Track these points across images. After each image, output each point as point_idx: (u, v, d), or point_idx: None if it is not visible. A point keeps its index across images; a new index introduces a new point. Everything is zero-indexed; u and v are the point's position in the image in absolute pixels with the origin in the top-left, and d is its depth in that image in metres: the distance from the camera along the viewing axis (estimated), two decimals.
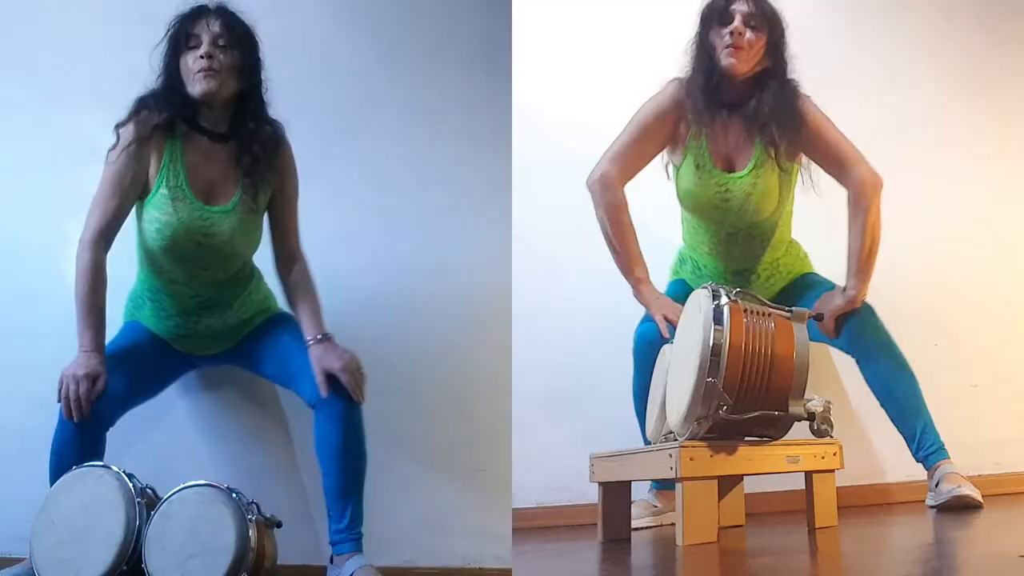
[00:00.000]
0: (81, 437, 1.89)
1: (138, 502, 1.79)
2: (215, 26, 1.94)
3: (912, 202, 2.65)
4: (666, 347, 2.13)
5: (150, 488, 1.87)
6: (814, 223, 2.38)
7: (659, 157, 2.30)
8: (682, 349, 1.88)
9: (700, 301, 1.79)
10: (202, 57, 1.91)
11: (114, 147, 1.95)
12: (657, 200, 2.36)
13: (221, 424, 2.32)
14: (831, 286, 2.24)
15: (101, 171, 2.39)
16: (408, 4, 2.49)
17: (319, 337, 1.99)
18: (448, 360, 2.35)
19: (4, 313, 2.34)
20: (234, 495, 1.80)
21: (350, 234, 2.38)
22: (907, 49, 2.81)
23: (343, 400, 1.91)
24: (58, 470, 1.89)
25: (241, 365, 2.16)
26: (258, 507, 1.84)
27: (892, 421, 2.15)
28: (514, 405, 2.32)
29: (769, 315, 1.80)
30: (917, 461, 2.15)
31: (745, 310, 1.77)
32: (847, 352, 2.20)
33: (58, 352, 2.28)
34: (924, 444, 2.12)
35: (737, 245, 2.28)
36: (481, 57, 2.43)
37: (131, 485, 1.81)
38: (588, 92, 2.70)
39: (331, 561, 1.94)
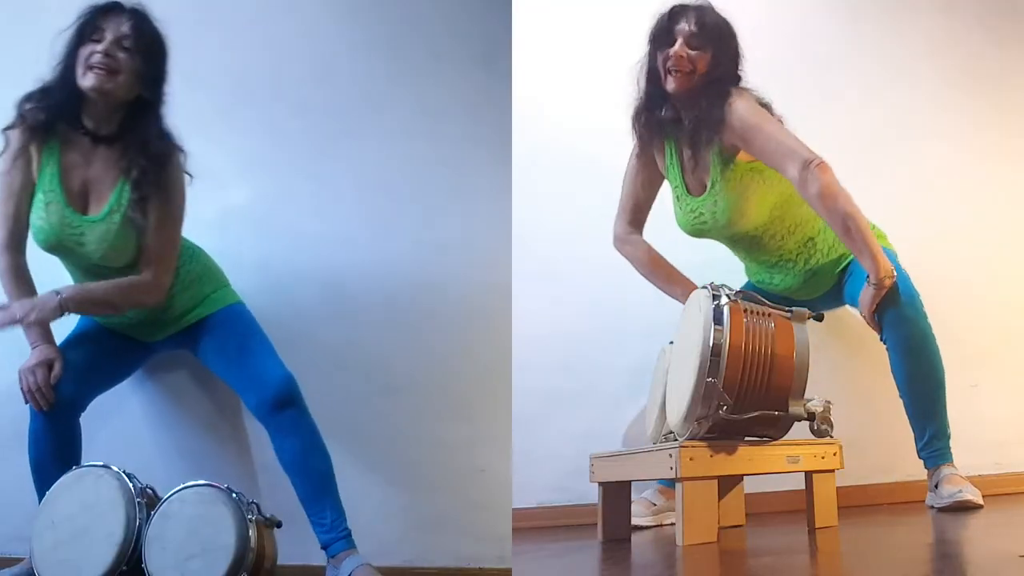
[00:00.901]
0: (54, 425, 1.92)
1: (138, 502, 1.79)
2: (124, 26, 1.89)
3: (912, 202, 2.65)
4: (666, 347, 2.13)
5: (150, 488, 1.87)
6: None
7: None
8: (682, 349, 1.88)
9: (700, 301, 1.79)
10: (100, 52, 1.87)
11: (2, 152, 1.93)
12: None
13: (221, 424, 2.32)
14: (890, 257, 2.15)
15: None
16: (408, 5, 2.49)
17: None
18: (448, 360, 2.35)
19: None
20: (234, 495, 1.80)
21: (350, 234, 2.38)
22: (907, 49, 2.81)
23: (288, 410, 1.94)
24: (37, 461, 1.93)
25: (198, 356, 2.11)
26: (258, 507, 1.84)
27: (907, 414, 2.14)
28: (514, 405, 2.32)
29: (769, 315, 1.80)
30: (920, 458, 2.14)
31: (745, 310, 1.77)
32: (881, 340, 2.17)
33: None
34: (931, 445, 2.12)
35: (745, 248, 2.27)
36: (482, 57, 2.43)
37: (131, 485, 1.81)
38: (589, 92, 2.69)
39: (330, 562, 1.94)
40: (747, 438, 1.81)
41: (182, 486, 1.81)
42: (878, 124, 2.69)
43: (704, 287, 1.82)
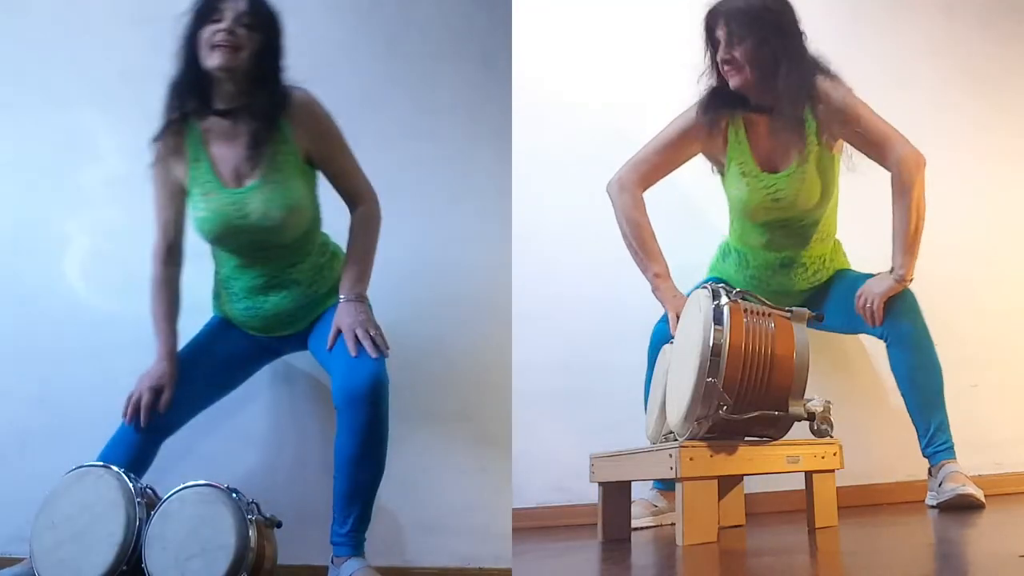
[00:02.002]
0: (138, 444, 1.96)
1: (138, 502, 1.79)
2: (242, 4, 1.93)
3: None
4: (666, 347, 2.13)
5: (150, 488, 1.87)
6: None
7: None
8: (682, 349, 1.88)
9: (700, 301, 1.79)
10: (224, 31, 1.90)
11: (153, 163, 1.99)
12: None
13: (221, 424, 2.32)
14: (865, 278, 2.22)
15: (102, 171, 2.42)
16: (409, 4, 2.49)
17: (345, 298, 1.98)
18: (448, 360, 2.35)
19: (3, 313, 2.34)
20: (234, 495, 1.80)
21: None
22: (907, 49, 2.81)
23: (363, 412, 1.87)
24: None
25: (311, 350, 2.11)
26: (258, 507, 1.84)
27: (909, 411, 2.14)
28: (514, 405, 2.32)
29: (769, 315, 1.80)
30: (924, 456, 2.15)
31: (745, 310, 1.77)
32: (879, 336, 2.18)
33: (57, 352, 2.29)
34: (935, 441, 2.12)
35: (788, 236, 2.27)
36: (481, 57, 2.43)
37: (131, 485, 1.81)
38: (589, 92, 2.70)
39: (332, 562, 1.94)
40: (747, 438, 1.81)
41: (182, 486, 1.80)
42: None
43: (704, 287, 1.82)
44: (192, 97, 1.96)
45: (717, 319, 1.73)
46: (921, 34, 2.83)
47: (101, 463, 1.85)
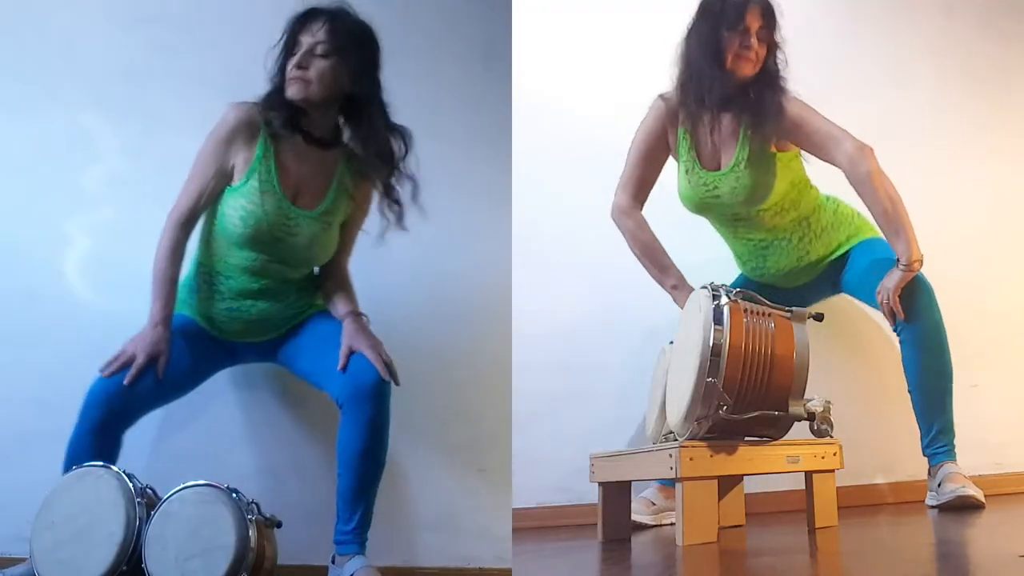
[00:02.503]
0: (98, 436, 1.91)
1: (138, 502, 1.79)
2: (319, 33, 1.94)
3: (912, 201, 2.64)
4: (666, 347, 2.13)
5: (150, 488, 1.87)
6: None
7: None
8: (682, 349, 1.88)
9: (700, 301, 1.79)
10: (294, 65, 1.94)
11: (224, 133, 1.97)
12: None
13: (222, 424, 2.32)
14: (883, 257, 2.19)
15: (102, 171, 2.41)
16: (408, 4, 2.49)
17: (354, 312, 2.03)
18: (448, 360, 2.35)
19: (3, 313, 2.34)
20: (234, 495, 1.80)
21: None
22: (907, 49, 2.81)
23: (370, 407, 1.90)
24: (71, 462, 1.91)
25: (280, 360, 2.13)
26: (258, 507, 1.84)
27: (914, 409, 2.14)
28: (514, 405, 2.32)
29: (769, 315, 1.80)
30: (924, 455, 2.15)
31: (745, 310, 1.77)
32: (895, 331, 2.17)
33: (58, 352, 2.29)
34: (936, 442, 2.12)
35: (746, 227, 2.28)
36: (482, 57, 2.43)
37: (131, 485, 1.81)
38: (589, 92, 2.70)
39: (332, 561, 1.94)
40: (747, 438, 1.81)
41: (182, 486, 1.80)
42: (878, 124, 2.68)
43: (704, 287, 1.82)
44: (283, 112, 1.97)
45: (717, 319, 1.73)
46: (921, 34, 2.83)
47: (101, 463, 1.85)
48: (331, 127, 2.05)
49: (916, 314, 2.09)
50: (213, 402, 2.32)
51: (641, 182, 2.32)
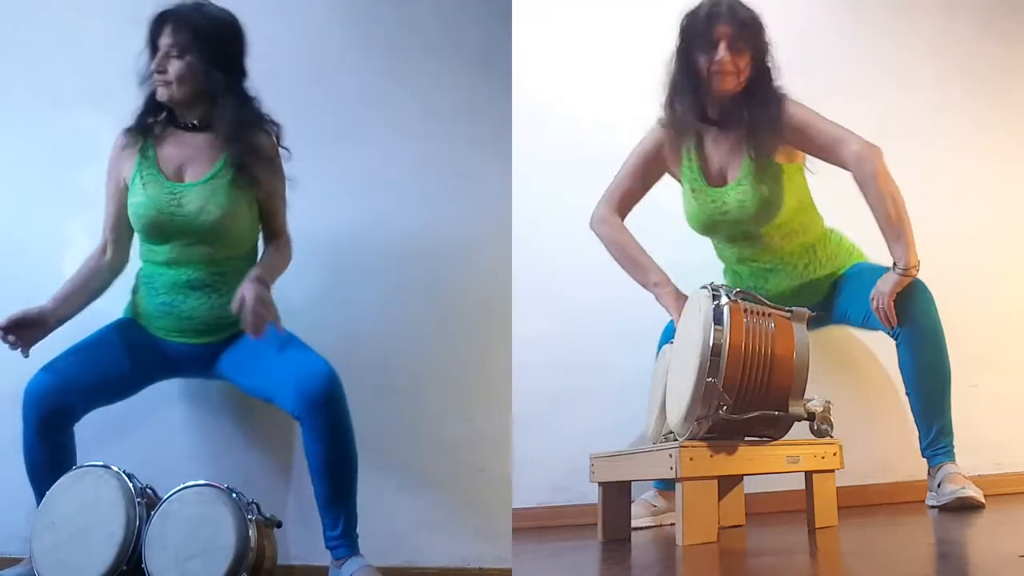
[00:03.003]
0: (47, 434, 1.93)
1: (138, 502, 1.79)
2: (170, 36, 2.01)
3: (911, 201, 2.64)
4: (666, 347, 2.13)
5: (150, 488, 1.87)
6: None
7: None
8: (682, 349, 1.88)
9: (700, 301, 1.79)
10: (154, 69, 2.02)
11: (110, 156, 2.09)
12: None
13: (221, 424, 2.32)
14: (880, 271, 2.19)
15: (102, 171, 2.41)
16: (408, 5, 2.49)
17: (254, 276, 1.94)
18: (448, 360, 2.35)
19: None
20: (234, 495, 1.80)
21: (350, 234, 2.38)
22: (907, 49, 2.81)
23: (327, 414, 1.89)
24: (31, 467, 1.93)
25: (223, 375, 2.11)
26: (258, 507, 1.84)
27: (912, 411, 2.14)
28: (514, 405, 2.32)
29: (769, 315, 1.80)
30: (923, 456, 2.14)
31: (745, 310, 1.77)
32: (890, 335, 2.16)
33: (57, 352, 2.28)
34: (936, 443, 2.12)
35: (752, 249, 2.27)
36: (482, 58, 2.43)
37: (131, 485, 1.81)
38: (589, 93, 2.70)
39: (332, 563, 1.94)
40: (747, 438, 1.81)
41: (182, 486, 1.80)
42: (878, 124, 2.67)
43: (704, 287, 1.82)
44: (157, 113, 2.08)
45: (717, 319, 1.73)
46: (921, 34, 2.82)
47: (101, 463, 1.85)
48: (201, 114, 2.07)
49: (913, 316, 2.09)
50: (212, 402, 2.33)
51: (627, 195, 2.34)
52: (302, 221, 2.34)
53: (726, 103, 2.18)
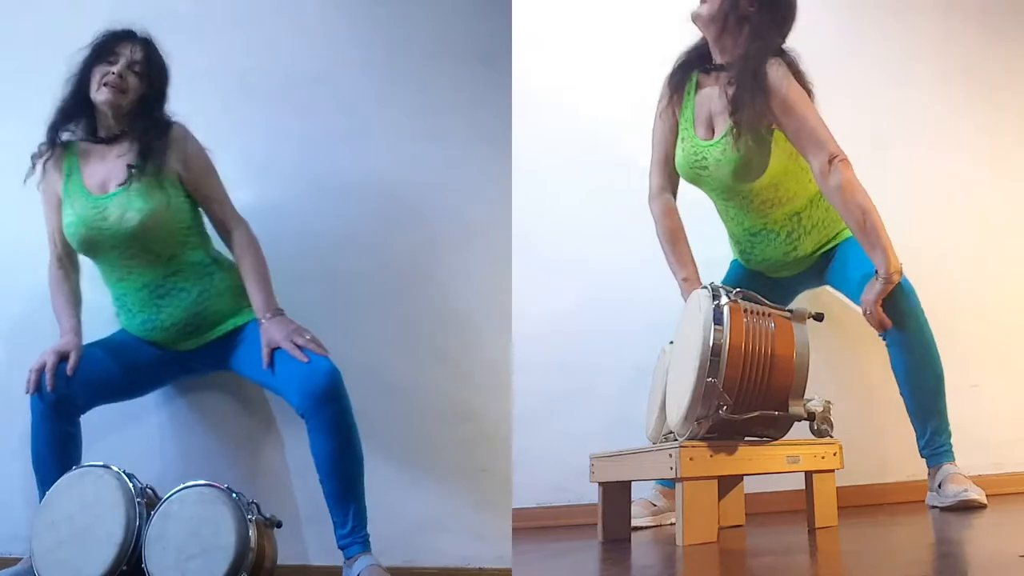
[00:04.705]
0: (51, 421, 1.97)
1: (138, 502, 1.79)
2: (137, 53, 2.11)
3: (912, 202, 2.65)
4: (666, 347, 2.13)
5: (150, 488, 1.87)
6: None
7: None
8: (682, 349, 1.88)
9: (700, 301, 1.79)
10: (115, 74, 2.07)
11: (35, 178, 2.14)
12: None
13: (222, 424, 2.32)
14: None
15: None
16: (408, 4, 2.49)
17: (269, 315, 2.03)
18: (448, 360, 2.35)
19: (4, 313, 2.34)
20: (234, 495, 1.80)
21: (350, 234, 2.38)
22: (907, 49, 2.81)
23: (331, 410, 1.92)
24: (36, 456, 1.96)
25: (233, 369, 2.14)
26: (258, 507, 1.84)
27: (908, 412, 2.14)
28: (514, 405, 2.32)
29: (769, 315, 1.80)
30: (922, 456, 2.14)
31: (745, 310, 1.77)
32: (881, 337, 2.17)
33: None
34: (933, 442, 2.12)
35: (742, 207, 2.26)
36: (482, 56, 2.43)
37: (131, 485, 1.81)
38: (590, 91, 2.70)
39: (344, 563, 1.95)
40: (747, 438, 1.81)
41: (182, 486, 1.81)
42: (878, 125, 2.69)
43: (704, 287, 1.82)
44: (76, 122, 2.12)
45: (717, 319, 1.73)
46: (921, 34, 2.82)
47: (101, 463, 1.85)
48: (122, 126, 2.13)
49: (900, 318, 2.09)
50: (213, 402, 2.33)
51: (662, 162, 2.33)
52: (301, 221, 2.35)
53: (716, 46, 2.19)
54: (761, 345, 1.75)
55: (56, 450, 1.96)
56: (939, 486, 2.08)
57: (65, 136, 2.13)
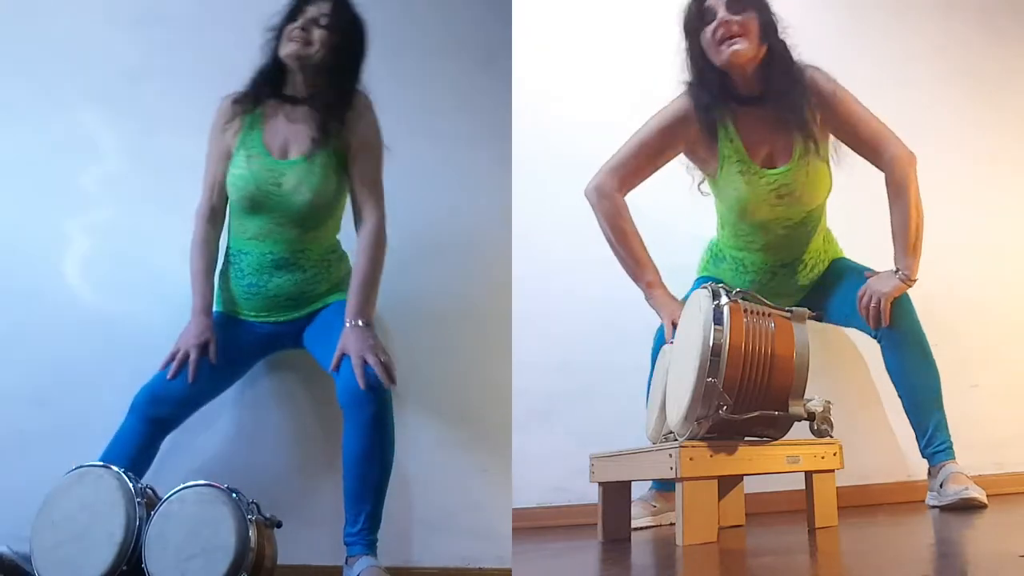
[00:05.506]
0: (142, 436, 2.02)
1: (138, 502, 1.79)
2: (324, 8, 2.10)
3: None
4: (666, 347, 2.13)
5: (150, 488, 1.87)
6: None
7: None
8: (682, 349, 1.88)
9: (700, 301, 1.79)
10: (299, 28, 2.07)
11: (213, 125, 2.15)
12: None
13: (222, 424, 2.32)
14: (862, 270, 2.21)
15: (102, 171, 2.42)
16: (408, 5, 2.49)
17: (355, 322, 2.02)
18: (449, 360, 2.35)
19: (3, 313, 2.34)
20: (234, 495, 1.80)
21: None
22: (907, 49, 2.81)
23: (368, 412, 1.92)
24: (112, 454, 1.99)
25: (304, 345, 2.17)
26: (258, 507, 1.84)
27: (906, 412, 2.14)
28: (514, 405, 2.32)
29: (769, 315, 1.80)
30: (923, 456, 2.14)
31: (745, 310, 1.77)
32: (873, 336, 2.17)
33: (57, 352, 2.29)
34: (934, 441, 2.12)
35: (789, 236, 2.23)
36: (482, 57, 2.43)
37: (131, 485, 1.81)
38: (589, 92, 2.70)
39: (346, 562, 1.95)
40: (747, 438, 1.81)
41: (182, 486, 1.80)
42: None
43: (704, 287, 1.82)
44: (268, 83, 2.12)
45: (717, 319, 1.73)
46: (921, 34, 2.83)
47: (101, 463, 1.85)
48: (310, 88, 2.12)
49: (895, 318, 2.10)
50: (213, 402, 2.32)
51: (635, 170, 2.24)
52: None
53: (749, 80, 2.13)
54: (761, 345, 1.75)
55: (133, 459, 1.98)
56: (940, 485, 2.08)
57: (255, 90, 2.12)
